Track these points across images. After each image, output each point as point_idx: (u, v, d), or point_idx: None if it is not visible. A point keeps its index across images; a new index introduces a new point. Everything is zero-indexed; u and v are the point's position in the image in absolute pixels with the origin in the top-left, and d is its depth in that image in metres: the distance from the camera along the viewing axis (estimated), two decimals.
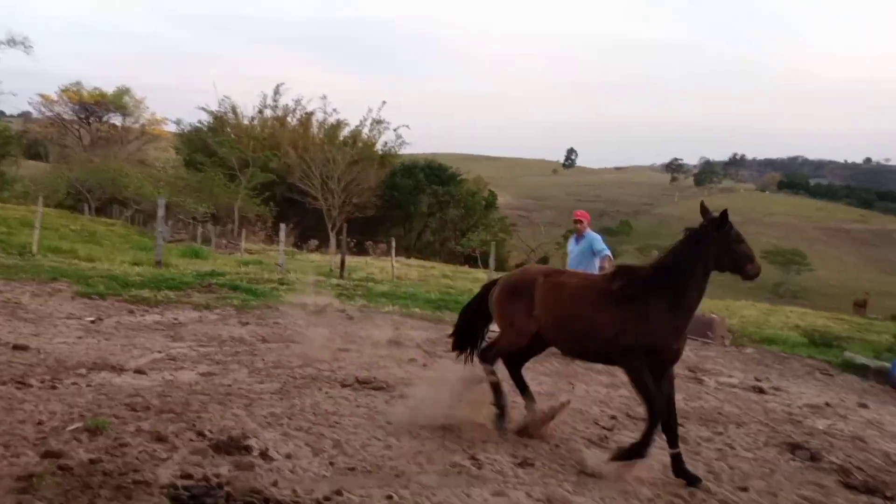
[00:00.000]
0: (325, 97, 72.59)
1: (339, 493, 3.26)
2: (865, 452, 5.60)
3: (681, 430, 5.44)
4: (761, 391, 7.45)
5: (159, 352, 6.01)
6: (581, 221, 8.02)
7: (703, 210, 4.41)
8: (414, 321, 9.70)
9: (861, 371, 9.26)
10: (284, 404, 4.72)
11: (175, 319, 7.83)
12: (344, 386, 5.44)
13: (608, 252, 7.92)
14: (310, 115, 49.83)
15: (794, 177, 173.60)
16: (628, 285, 4.33)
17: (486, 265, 18.05)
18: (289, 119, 50.38)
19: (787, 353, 10.43)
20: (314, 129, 50.31)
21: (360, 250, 31.25)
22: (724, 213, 4.31)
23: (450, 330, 8.93)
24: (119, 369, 5.24)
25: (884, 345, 12.21)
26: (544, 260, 59.93)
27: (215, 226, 34.04)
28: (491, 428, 4.69)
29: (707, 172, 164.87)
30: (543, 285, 4.61)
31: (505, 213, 70.07)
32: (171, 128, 56.76)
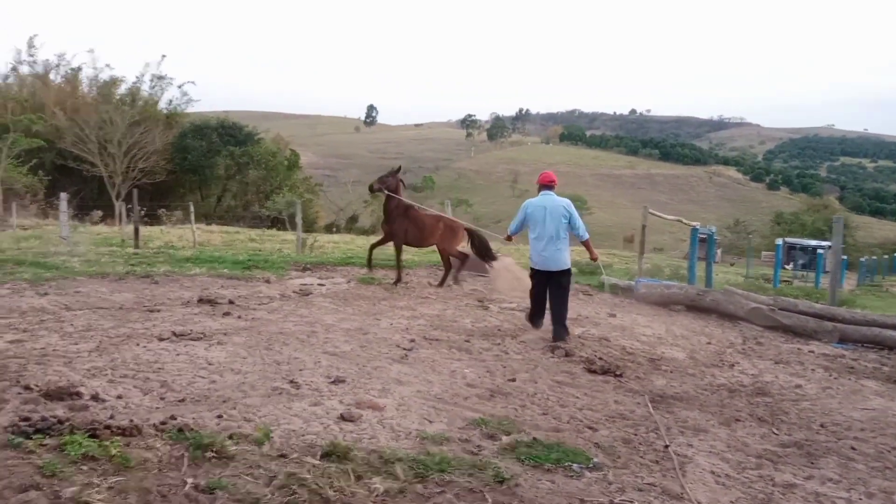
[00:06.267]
0: (92, 51, 76.92)
1: (173, 417, 3.72)
2: (608, 348, 7.13)
3: (466, 344, 6.56)
4: None
5: None
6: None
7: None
8: (224, 280, 9.87)
9: (615, 290, 11.25)
10: (105, 359, 4.94)
11: None
12: (161, 340, 5.72)
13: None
14: (76, 70, 44.90)
15: (572, 129, 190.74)
16: None
17: (294, 227, 18.28)
18: (51, 76, 44.98)
19: None
20: (84, 86, 45.51)
21: (153, 219, 29.26)
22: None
23: (262, 287, 9.33)
24: None
25: (637, 271, 14.73)
26: (353, 219, 60.18)
27: None
28: None
29: (498, 127, 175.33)
30: None
31: (309, 172, 68.99)
32: None
